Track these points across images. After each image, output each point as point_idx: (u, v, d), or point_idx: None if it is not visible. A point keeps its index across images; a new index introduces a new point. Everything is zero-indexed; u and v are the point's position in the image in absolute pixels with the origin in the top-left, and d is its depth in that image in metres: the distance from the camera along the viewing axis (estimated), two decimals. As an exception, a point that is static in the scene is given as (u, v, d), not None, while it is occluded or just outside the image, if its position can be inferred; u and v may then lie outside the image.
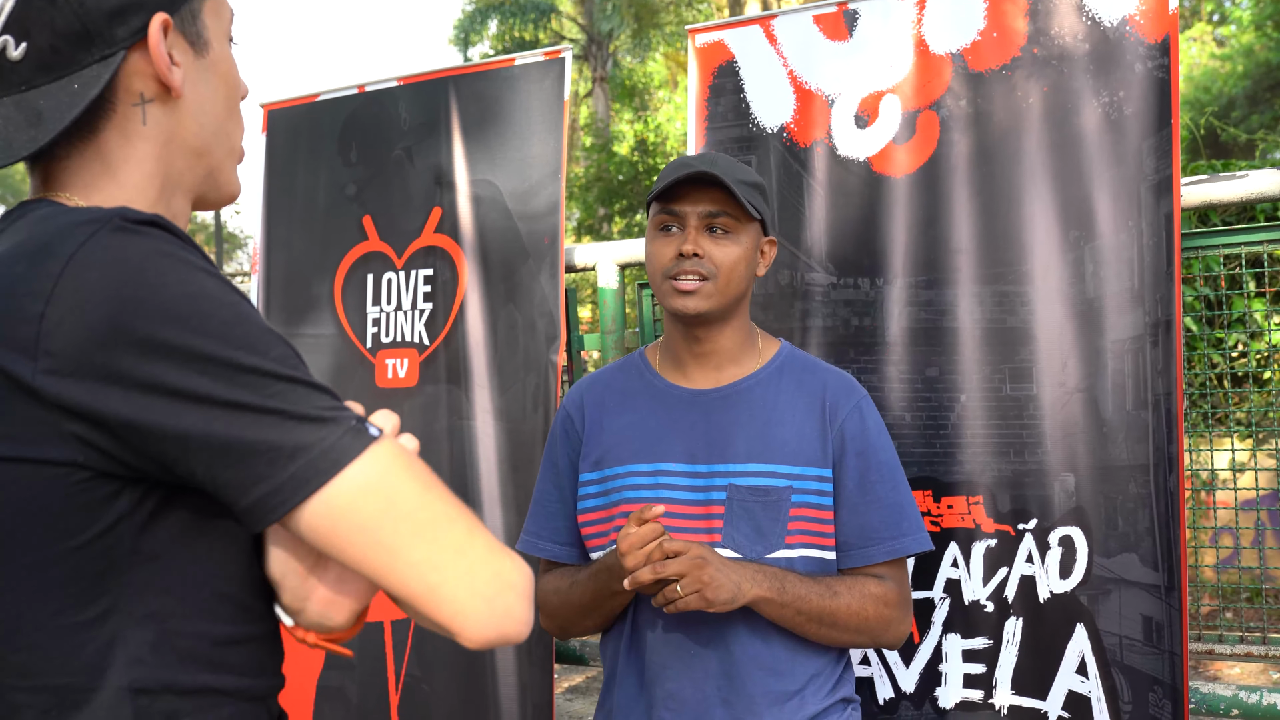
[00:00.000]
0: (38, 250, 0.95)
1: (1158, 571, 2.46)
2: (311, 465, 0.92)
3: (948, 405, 2.67)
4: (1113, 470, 2.52)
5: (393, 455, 0.97)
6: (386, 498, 0.95)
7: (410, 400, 3.34)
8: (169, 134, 1.11)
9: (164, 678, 0.98)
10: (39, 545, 0.95)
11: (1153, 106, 2.51)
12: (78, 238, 0.94)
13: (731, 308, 1.98)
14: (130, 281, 0.92)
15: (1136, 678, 2.48)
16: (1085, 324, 2.56)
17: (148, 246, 0.95)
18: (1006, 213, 2.64)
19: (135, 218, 0.97)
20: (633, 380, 2.09)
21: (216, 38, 1.16)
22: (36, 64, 1.03)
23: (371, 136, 3.49)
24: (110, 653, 0.96)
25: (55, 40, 1.02)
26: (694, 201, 1.93)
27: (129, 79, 1.07)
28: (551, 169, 3.19)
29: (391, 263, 3.40)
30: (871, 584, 1.94)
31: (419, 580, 0.95)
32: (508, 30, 24.69)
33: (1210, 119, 10.10)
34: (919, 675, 2.67)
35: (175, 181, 1.14)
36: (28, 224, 1.02)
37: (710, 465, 1.96)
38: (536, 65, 3.25)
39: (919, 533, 1.98)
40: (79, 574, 0.95)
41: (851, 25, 2.84)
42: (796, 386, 2.01)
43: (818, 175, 2.84)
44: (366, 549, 0.94)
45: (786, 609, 1.86)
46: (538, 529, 2.12)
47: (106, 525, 0.95)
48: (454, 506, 0.98)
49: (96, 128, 1.07)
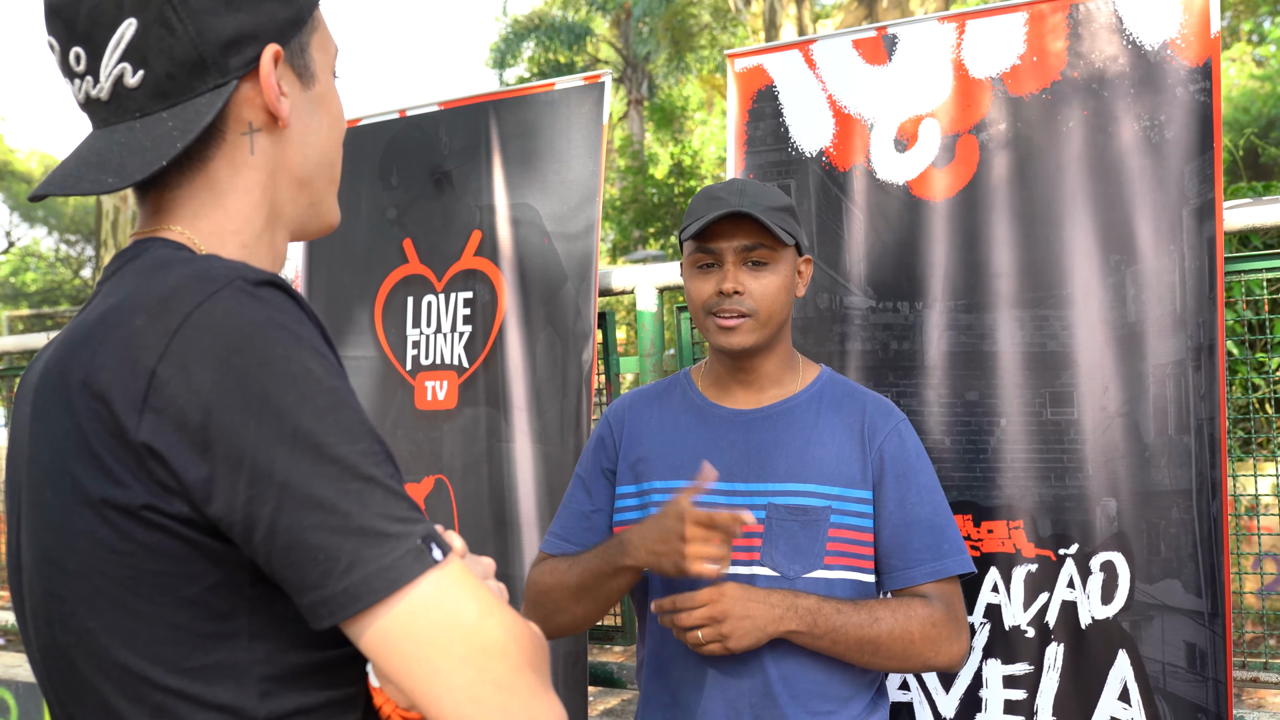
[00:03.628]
0: (157, 303, 0.96)
1: (1201, 598, 2.44)
2: (366, 583, 0.92)
3: (988, 429, 2.66)
4: (1155, 495, 2.50)
5: (453, 580, 0.95)
6: (438, 623, 0.93)
7: (449, 422, 3.36)
8: (275, 164, 1.13)
9: (289, 703, 1.00)
10: (168, 589, 0.96)
11: (1194, 130, 2.50)
12: (196, 296, 0.95)
13: (775, 335, 2.00)
14: (240, 350, 0.93)
15: (1180, 705, 2.45)
16: (1126, 348, 2.55)
17: (263, 315, 0.95)
18: (1047, 237, 2.63)
19: (255, 279, 0.98)
20: (675, 398, 2.11)
21: (322, 70, 1.18)
22: (153, 91, 1.05)
23: (412, 160, 3.52)
24: (241, 688, 0.98)
25: (172, 68, 1.04)
26: (729, 237, 1.94)
27: (239, 108, 1.09)
28: (589, 192, 3.21)
29: (432, 285, 3.43)
30: (918, 605, 1.93)
31: (453, 706, 0.93)
32: (544, 53, 24.84)
33: (1251, 139, 10.02)
34: (959, 701, 2.65)
35: (280, 212, 1.15)
36: (145, 269, 1.04)
37: (749, 484, 1.96)
38: (576, 90, 3.27)
39: (960, 554, 1.97)
40: (208, 615, 0.97)
41: (891, 49, 2.85)
42: (836, 409, 2.01)
43: (857, 199, 2.85)
44: (410, 665, 0.93)
45: (822, 640, 1.86)
46: (560, 529, 2.14)
47: (224, 573, 0.96)
48: (509, 639, 0.96)
49: (206, 156, 1.09)
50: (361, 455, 0.94)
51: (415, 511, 0.97)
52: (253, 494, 0.91)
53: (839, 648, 1.87)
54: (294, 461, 0.91)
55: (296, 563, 0.92)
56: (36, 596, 1.04)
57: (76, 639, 1.01)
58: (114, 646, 0.98)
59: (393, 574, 0.92)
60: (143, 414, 0.93)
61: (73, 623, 1.00)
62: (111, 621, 0.98)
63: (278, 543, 0.92)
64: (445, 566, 0.95)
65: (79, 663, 1.01)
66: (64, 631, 1.02)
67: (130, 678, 0.98)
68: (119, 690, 0.99)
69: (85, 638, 1.00)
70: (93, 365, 0.96)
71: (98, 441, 0.95)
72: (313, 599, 0.93)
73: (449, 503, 3.34)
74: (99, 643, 0.99)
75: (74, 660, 1.02)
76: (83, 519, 0.97)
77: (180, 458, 0.92)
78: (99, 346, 0.97)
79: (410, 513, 0.96)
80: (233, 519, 0.93)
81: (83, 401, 0.96)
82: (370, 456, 0.95)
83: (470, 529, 3.30)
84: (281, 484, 0.91)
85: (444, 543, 0.97)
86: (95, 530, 0.97)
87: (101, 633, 0.99)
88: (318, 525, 0.91)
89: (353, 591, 0.91)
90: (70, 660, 1.02)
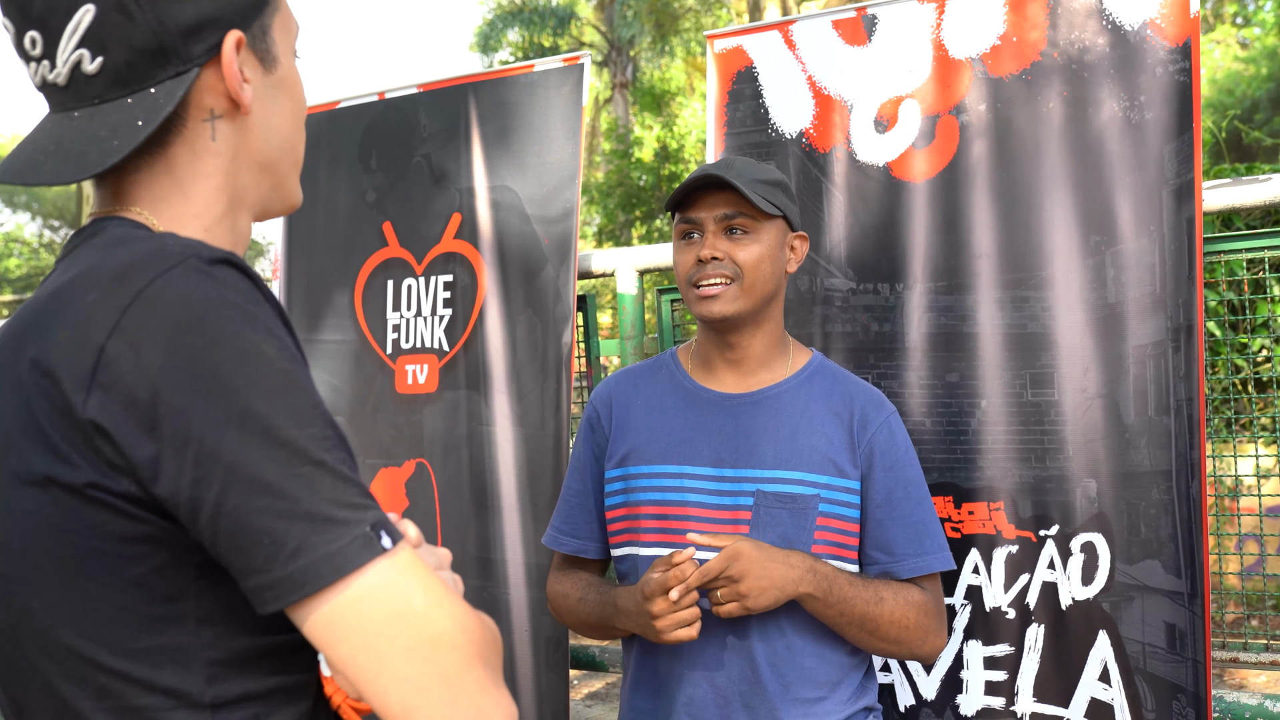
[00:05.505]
0: (110, 279, 0.95)
1: (1180, 578, 2.45)
2: (312, 568, 0.90)
3: (968, 411, 2.66)
4: (1135, 476, 2.50)
5: (402, 569, 0.93)
6: (385, 612, 0.91)
7: (430, 406, 3.34)
8: (237, 149, 1.11)
9: (237, 688, 0.98)
10: (114, 569, 0.95)
11: (1174, 110, 2.50)
12: (149, 273, 0.94)
13: (760, 309, 1.97)
14: (191, 328, 0.91)
15: (1160, 685, 2.46)
16: (1106, 329, 2.54)
17: (215, 294, 0.94)
18: (1027, 218, 2.63)
19: (210, 257, 0.96)
20: (662, 380, 2.09)
21: (284, 52, 1.16)
22: (111, 79, 1.03)
23: (392, 143, 3.50)
24: (187, 671, 0.96)
25: (131, 56, 1.02)
26: (709, 206, 1.94)
27: (200, 95, 1.07)
28: (569, 174, 3.19)
29: (411, 269, 3.41)
30: (915, 592, 1.93)
31: (399, 698, 0.91)
32: (529, 37, 24.75)
33: (1234, 122, 10.04)
34: (940, 682, 2.66)
35: (241, 196, 1.14)
36: (102, 245, 1.02)
37: (737, 470, 1.95)
38: (555, 71, 3.25)
39: (943, 551, 1.98)
40: (153, 597, 0.95)
41: (870, 30, 2.84)
42: (826, 396, 2.00)
43: (837, 180, 2.84)
44: (356, 653, 0.91)
45: (831, 609, 1.86)
46: (559, 523, 2.14)
47: (171, 554, 0.95)
48: (458, 630, 0.94)
49: (166, 143, 1.07)
50: (312, 439, 0.93)
51: (366, 498, 0.95)
52: (199, 475, 0.90)
53: (843, 619, 1.87)
54: (242, 443, 0.90)
55: (242, 546, 0.90)
56: None
57: (20, 619, 0.99)
58: (58, 627, 0.97)
59: (339, 560, 0.90)
60: (90, 391, 0.91)
61: (16, 602, 0.99)
62: (56, 602, 0.97)
63: (223, 525, 0.90)
64: (395, 555, 0.93)
65: (23, 644, 1.00)
66: (7, 611, 1.00)
67: (75, 659, 0.97)
68: (63, 672, 0.98)
69: (29, 618, 0.98)
70: (44, 342, 0.95)
71: (45, 418, 0.94)
72: (257, 583, 0.91)
73: (430, 486, 3.33)
74: (43, 623, 0.98)
75: (18, 641, 1.00)
76: (29, 497, 0.96)
77: (127, 436, 0.91)
78: (50, 322, 0.96)
79: (361, 499, 0.94)
80: (179, 499, 0.91)
81: (31, 378, 0.95)
82: (321, 441, 0.93)
83: (451, 512, 3.30)
84: (229, 465, 0.90)
85: (395, 530, 0.95)
86: (41, 508, 0.95)
87: (46, 613, 0.97)
88: (264, 509, 0.90)
89: (298, 577, 0.90)
90: (15, 641, 1.00)
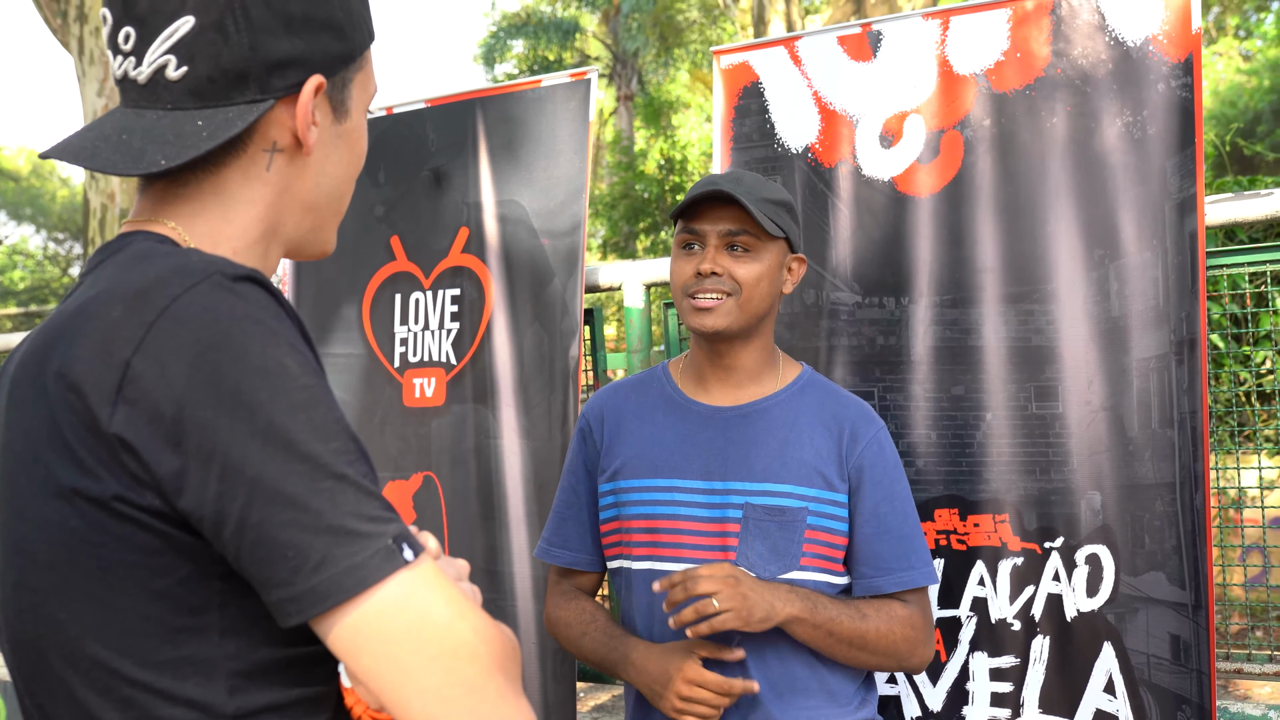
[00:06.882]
0: (135, 295, 0.96)
1: (1185, 590, 2.46)
2: (335, 581, 0.91)
3: (973, 424, 2.67)
4: (1139, 488, 2.52)
5: (423, 581, 0.95)
6: (407, 624, 0.93)
7: (438, 419, 3.36)
8: (288, 185, 1.13)
9: (259, 700, 0.99)
10: (139, 581, 0.96)
11: (1176, 125, 2.52)
12: (174, 289, 0.95)
13: (753, 325, 1.99)
14: (216, 344, 0.93)
15: (1164, 697, 2.47)
16: (1110, 342, 2.56)
17: (240, 310, 0.95)
18: (1031, 232, 2.65)
19: (233, 274, 0.98)
20: (653, 393, 2.10)
21: (356, 108, 1.18)
22: (190, 89, 1.05)
23: (399, 157, 3.52)
24: (210, 683, 0.98)
25: (215, 73, 1.05)
26: (714, 220, 1.95)
27: (267, 126, 1.10)
28: (576, 188, 3.21)
29: (419, 282, 3.43)
30: (898, 606, 1.95)
31: (421, 708, 0.93)
32: (533, 50, 24.81)
33: (1236, 135, 10.05)
34: (946, 694, 2.66)
35: (278, 229, 1.16)
36: (126, 260, 1.04)
37: (726, 483, 1.96)
38: (563, 86, 3.28)
39: (927, 565, 2.00)
40: (178, 609, 0.97)
41: (875, 46, 2.86)
42: (816, 410, 2.01)
43: (842, 195, 2.86)
44: (379, 664, 0.93)
45: (819, 630, 1.87)
46: (551, 535, 2.15)
47: (195, 567, 0.96)
48: (480, 641, 0.95)
49: (222, 162, 1.09)
50: (334, 453, 0.94)
51: (388, 511, 0.96)
52: (223, 489, 0.91)
53: (831, 640, 1.88)
54: (265, 458, 0.91)
55: (265, 559, 0.92)
56: (7, 587, 1.04)
57: (46, 630, 1.01)
58: (83, 638, 0.98)
59: (362, 573, 0.92)
60: (116, 405, 0.93)
61: (42, 613, 1.01)
62: (81, 613, 0.98)
63: (247, 538, 0.92)
64: (416, 567, 0.95)
65: (48, 654, 1.01)
66: (33, 622, 1.02)
67: (99, 670, 0.98)
68: (87, 682, 0.99)
69: (55, 629, 1.00)
70: (69, 356, 0.96)
71: (71, 432, 0.95)
72: (281, 596, 0.92)
73: (437, 499, 3.35)
74: (68, 634, 0.99)
75: (43, 651, 1.02)
76: (54, 509, 0.97)
77: (152, 450, 0.92)
78: (76, 338, 0.97)
79: (382, 512, 0.95)
80: (203, 513, 0.93)
81: (58, 392, 0.96)
82: (343, 455, 0.95)
83: (458, 525, 3.31)
84: (252, 480, 0.91)
85: (416, 543, 0.97)
86: (67, 521, 0.97)
87: (71, 624, 0.99)
88: (288, 522, 0.91)
89: (321, 589, 0.91)
90: (40, 651, 1.02)
